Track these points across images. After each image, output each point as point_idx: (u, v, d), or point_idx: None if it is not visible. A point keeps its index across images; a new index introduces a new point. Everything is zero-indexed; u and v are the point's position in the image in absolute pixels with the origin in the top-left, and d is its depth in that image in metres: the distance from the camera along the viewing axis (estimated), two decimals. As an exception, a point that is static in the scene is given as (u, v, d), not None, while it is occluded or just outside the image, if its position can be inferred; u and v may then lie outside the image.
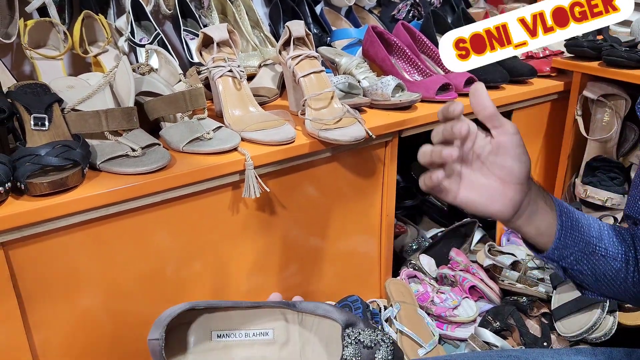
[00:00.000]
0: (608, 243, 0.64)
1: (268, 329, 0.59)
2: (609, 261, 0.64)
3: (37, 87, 0.92)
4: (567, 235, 0.63)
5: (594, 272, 0.65)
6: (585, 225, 0.64)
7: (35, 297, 0.83)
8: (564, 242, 0.63)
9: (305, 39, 1.10)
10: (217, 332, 0.59)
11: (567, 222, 0.62)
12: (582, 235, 0.63)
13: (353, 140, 0.98)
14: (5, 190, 0.76)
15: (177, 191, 0.89)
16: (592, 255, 0.64)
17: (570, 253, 0.63)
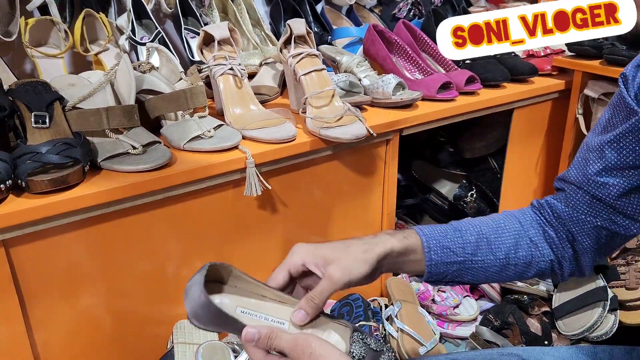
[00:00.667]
0: (501, 247, 0.68)
1: (285, 320, 0.62)
2: (499, 265, 0.69)
3: (38, 85, 0.92)
4: (437, 271, 0.68)
5: (477, 280, 0.70)
6: (460, 250, 0.68)
7: (36, 296, 0.83)
8: (436, 276, 0.68)
9: (307, 37, 1.09)
10: (241, 308, 0.63)
11: (436, 261, 0.67)
12: (455, 263, 0.67)
13: (354, 138, 0.98)
14: (6, 188, 0.76)
15: (178, 189, 0.89)
16: (469, 270, 0.68)
17: (446, 276, 0.68)
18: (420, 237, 0.67)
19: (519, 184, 1.50)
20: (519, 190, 1.51)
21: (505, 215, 0.72)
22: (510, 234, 0.69)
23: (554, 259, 0.69)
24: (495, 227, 0.70)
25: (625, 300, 1.06)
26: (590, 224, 0.66)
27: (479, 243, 0.68)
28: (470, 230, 0.69)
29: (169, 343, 0.98)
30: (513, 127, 1.39)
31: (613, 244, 0.69)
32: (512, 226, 0.70)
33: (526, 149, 1.47)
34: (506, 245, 0.69)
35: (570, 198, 0.67)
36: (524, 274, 0.70)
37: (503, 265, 0.69)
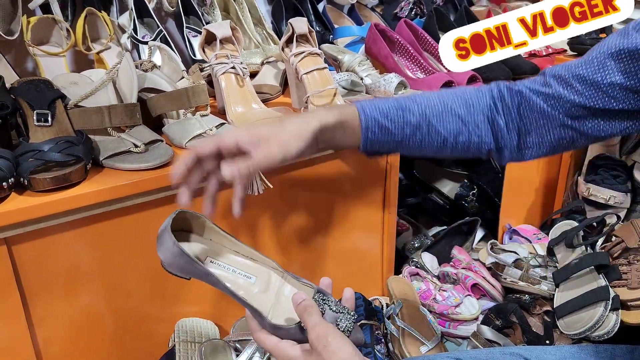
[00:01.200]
0: (442, 132, 0.69)
1: (253, 275, 0.66)
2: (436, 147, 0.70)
3: (40, 83, 0.92)
4: (372, 148, 0.70)
5: (411, 153, 0.72)
6: (399, 131, 0.68)
7: (37, 293, 0.83)
8: (370, 152, 0.71)
9: (308, 36, 1.09)
10: (211, 258, 0.66)
11: (372, 140, 0.68)
12: (392, 142, 0.69)
13: (356, 137, 0.97)
14: (8, 186, 0.76)
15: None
16: (406, 147, 0.70)
17: (380, 152, 0.71)
18: (360, 114, 0.68)
19: (521, 184, 1.50)
20: (520, 190, 1.51)
21: (455, 94, 0.71)
22: (454, 117, 0.69)
23: (494, 147, 0.70)
24: (440, 111, 0.69)
25: (627, 300, 1.06)
26: (559, 122, 0.67)
27: (420, 124, 0.69)
28: (414, 110, 0.69)
29: (171, 341, 0.98)
30: (515, 126, 1.38)
31: (570, 147, 0.70)
32: (458, 109, 0.70)
33: (528, 149, 1.46)
34: (447, 130, 0.69)
35: (553, 96, 0.66)
36: (459, 156, 0.72)
37: (440, 147, 0.70)
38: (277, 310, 0.64)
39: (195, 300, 1.01)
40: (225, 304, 1.04)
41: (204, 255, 0.66)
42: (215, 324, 1.02)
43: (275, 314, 0.63)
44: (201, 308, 1.02)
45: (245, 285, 0.65)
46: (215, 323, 1.02)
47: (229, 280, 0.64)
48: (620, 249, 1.14)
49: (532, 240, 1.43)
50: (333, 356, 0.55)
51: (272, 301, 0.65)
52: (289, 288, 0.66)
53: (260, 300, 0.63)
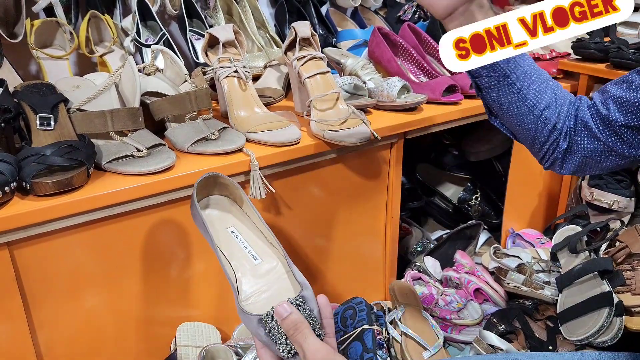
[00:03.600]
0: (537, 95, 0.75)
1: (260, 256, 0.69)
2: (526, 105, 0.75)
3: (43, 87, 0.92)
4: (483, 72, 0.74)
5: (500, 102, 0.76)
6: (513, 64, 0.74)
7: (39, 297, 0.83)
8: (474, 71, 0.75)
9: (311, 39, 1.09)
10: (232, 229, 0.71)
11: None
12: (501, 67, 0.73)
13: (358, 141, 0.97)
14: (10, 190, 0.76)
15: (182, 192, 0.89)
16: (505, 87, 0.75)
17: (486, 75, 0.75)
18: None
19: (524, 188, 1.50)
20: (523, 194, 1.50)
21: (557, 83, 0.78)
22: (551, 94, 0.76)
23: (555, 140, 0.77)
24: (544, 79, 0.76)
25: (631, 306, 1.05)
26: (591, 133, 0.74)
27: (530, 74, 0.75)
28: (529, 64, 0.75)
29: (172, 345, 0.98)
30: (518, 130, 1.38)
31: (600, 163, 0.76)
32: (556, 90, 0.76)
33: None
34: (543, 96, 0.75)
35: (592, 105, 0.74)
36: (534, 133, 0.77)
37: (529, 109, 0.75)
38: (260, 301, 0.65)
39: (197, 304, 1.01)
40: (227, 309, 1.04)
41: (227, 223, 0.70)
42: (217, 328, 1.02)
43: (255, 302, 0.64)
44: (203, 312, 1.01)
45: (248, 263, 0.67)
46: (217, 327, 1.02)
47: (233, 254, 0.67)
48: (624, 255, 1.13)
49: (536, 245, 1.42)
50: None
51: (269, 286, 0.66)
52: (285, 281, 0.67)
53: (249, 282, 0.66)
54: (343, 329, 1.06)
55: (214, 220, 0.71)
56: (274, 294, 0.64)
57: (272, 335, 0.58)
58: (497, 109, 0.79)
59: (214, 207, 0.72)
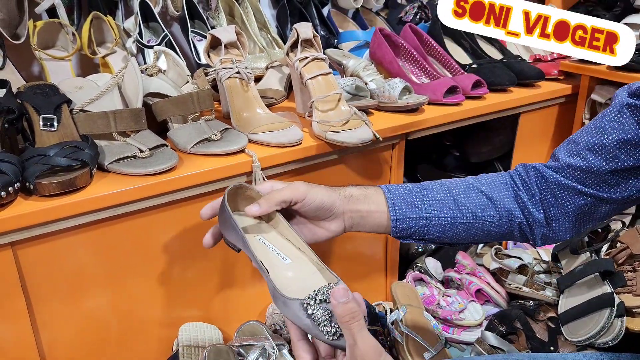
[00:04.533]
0: (465, 208, 0.71)
1: (289, 258, 0.68)
2: (465, 224, 0.71)
3: (46, 87, 0.92)
4: (403, 225, 0.70)
5: (446, 236, 0.72)
6: (426, 206, 0.70)
7: (43, 297, 0.83)
8: (403, 231, 0.70)
9: (313, 41, 1.10)
10: (259, 237, 0.70)
11: (401, 215, 0.70)
12: (421, 219, 0.70)
13: (360, 142, 0.97)
14: (14, 190, 0.76)
15: (184, 192, 0.89)
16: (435, 226, 0.71)
17: (413, 232, 0.71)
18: (384, 192, 0.70)
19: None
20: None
21: (476, 178, 0.74)
22: (478, 194, 0.71)
23: (524, 221, 0.71)
24: (463, 188, 0.72)
25: (632, 307, 1.05)
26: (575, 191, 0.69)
27: (446, 201, 0.71)
28: (437, 189, 0.71)
29: (175, 346, 0.98)
30: (519, 131, 1.38)
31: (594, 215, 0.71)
32: (481, 187, 0.72)
33: (532, 154, 1.46)
34: (473, 203, 0.71)
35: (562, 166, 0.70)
36: (492, 235, 0.72)
37: (470, 223, 0.71)
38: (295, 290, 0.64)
39: (200, 304, 1.01)
40: (229, 309, 1.05)
41: (256, 232, 0.70)
42: (219, 328, 1.02)
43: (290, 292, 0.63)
44: (205, 313, 1.02)
45: (280, 264, 0.67)
46: (219, 328, 1.02)
47: (266, 257, 0.67)
48: (625, 255, 1.13)
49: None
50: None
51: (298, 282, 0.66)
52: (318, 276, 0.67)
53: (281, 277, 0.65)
54: (345, 329, 1.06)
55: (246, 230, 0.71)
56: (308, 285, 0.63)
57: (314, 317, 0.56)
58: (450, 242, 0.74)
59: (241, 218, 0.71)
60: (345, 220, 0.70)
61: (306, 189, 0.67)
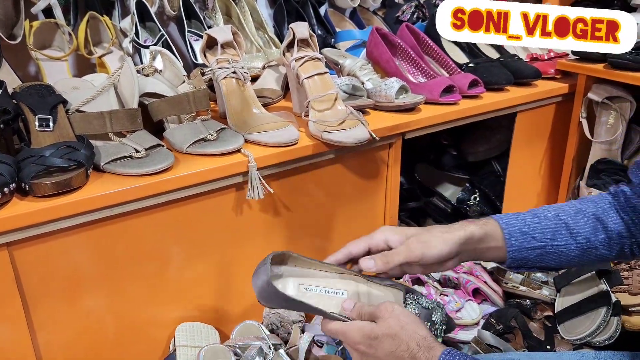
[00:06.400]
0: (579, 235, 0.70)
1: (343, 290, 0.69)
2: (581, 251, 0.71)
3: (42, 88, 0.92)
4: (519, 256, 0.70)
5: (560, 263, 0.72)
6: (540, 235, 0.70)
7: (39, 298, 0.83)
8: (518, 261, 0.70)
9: (309, 40, 1.10)
10: (304, 285, 0.70)
11: (517, 247, 0.69)
12: (536, 248, 0.69)
13: (356, 142, 0.98)
14: (9, 191, 0.76)
15: (180, 192, 0.89)
16: (547, 255, 0.70)
17: (527, 262, 0.70)
18: (500, 224, 0.70)
19: (522, 188, 1.50)
20: (522, 194, 1.51)
21: (581, 200, 0.75)
22: (589, 218, 0.71)
23: (634, 241, 0.71)
24: (573, 213, 0.72)
25: (628, 305, 1.06)
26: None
27: (558, 228, 0.71)
28: (549, 217, 0.72)
29: (172, 346, 0.98)
30: (516, 130, 1.38)
31: None
32: (590, 210, 0.72)
33: (529, 153, 1.47)
34: (585, 228, 0.71)
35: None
36: (604, 257, 0.72)
37: (584, 249, 0.71)
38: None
39: (196, 304, 1.01)
40: (225, 309, 1.05)
41: (297, 284, 0.70)
42: (216, 328, 1.02)
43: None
44: (202, 312, 1.02)
45: (339, 302, 0.67)
46: (216, 328, 1.02)
47: (324, 304, 0.67)
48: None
49: (534, 245, 1.43)
50: (401, 317, 0.60)
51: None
52: (375, 292, 0.69)
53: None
54: (341, 328, 1.06)
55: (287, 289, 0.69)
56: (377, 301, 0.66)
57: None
58: (562, 268, 0.77)
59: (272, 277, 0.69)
60: (462, 258, 0.70)
61: (422, 250, 0.66)
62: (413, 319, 0.62)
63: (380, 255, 0.67)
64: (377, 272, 0.67)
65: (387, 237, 0.68)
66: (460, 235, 0.67)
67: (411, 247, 0.66)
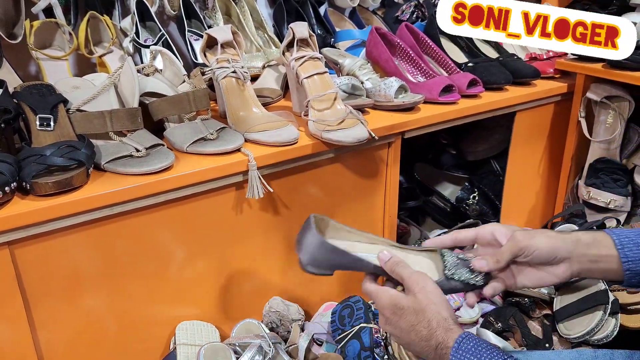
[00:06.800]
0: None
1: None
2: None
3: (43, 87, 0.93)
4: (637, 269, 0.66)
5: None
6: None
7: (40, 296, 0.83)
8: (637, 276, 0.67)
9: (309, 40, 1.10)
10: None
11: (632, 258, 0.66)
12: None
13: (356, 141, 0.98)
14: (10, 190, 0.77)
15: (180, 191, 0.90)
16: None
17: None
18: (609, 234, 0.68)
19: (522, 187, 1.50)
20: (521, 193, 1.51)
21: None
22: None
23: None
24: None
25: (627, 304, 1.06)
26: None
27: None
28: None
29: (172, 344, 0.99)
30: (515, 130, 1.39)
31: None
32: None
33: (528, 152, 1.47)
34: None
35: None
36: None
37: None
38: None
39: (196, 303, 1.01)
40: (226, 307, 1.05)
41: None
42: (216, 327, 1.02)
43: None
44: (202, 311, 1.02)
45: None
46: (216, 326, 1.02)
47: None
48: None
49: (533, 244, 1.43)
50: (429, 295, 0.64)
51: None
52: (412, 257, 0.73)
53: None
54: (341, 327, 1.06)
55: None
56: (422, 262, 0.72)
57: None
58: None
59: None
60: (572, 265, 0.69)
61: (527, 241, 0.68)
62: (440, 300, 0.65)
63: (490, 254, 0.69)
64: (489, 269, 0.69)
65: (495, 229, 0.71)
66: (565, 235, 0.68)
67: (517, 238, 0.67)
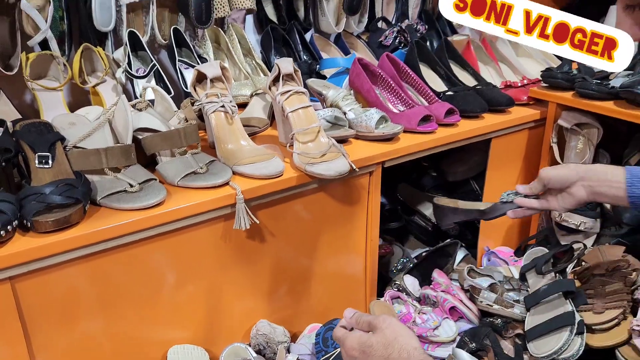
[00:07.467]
0: None
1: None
2: None
3: (41, 125, 0.97)
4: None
5: None
6: None
7: (38, 323, 0.88)
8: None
9: (294, 75, 1.16)
10: None
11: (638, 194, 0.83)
12: None
13: (337, 174, 1.04)
14: (12, 228, 0.81)
15: (171, 225, 0.95)
16: None
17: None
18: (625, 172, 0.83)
19: (498, 207, 1.57)
20: (498, 213, 1.57)
21: None
22: None
23: None
24: None
25: (592, 324, 1.13)
26: None
27: None
28: None
29: (163, 367, 1.03)
30: (491, 154, 1.45)
31: None
32: None
33: (505, 174, 1.53)
34: None
35: None
36: None
37: None
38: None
39: (187, 327, 1.06)
40: (215, 330, 1.10)
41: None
42: (206, 349, 1.07)
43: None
44: (193, 334, 1.07)
45: None
46: (206, 349, 1.07)
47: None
48: (588, 274, 1.21)
49: (509, 262, 1.50)
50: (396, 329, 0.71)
51: None
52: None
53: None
54: (324, 348, 1.12)
55: None
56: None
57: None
58: None
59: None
60: (585, 187, 0.89)
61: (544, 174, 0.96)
62: (408, 332, 0.71)
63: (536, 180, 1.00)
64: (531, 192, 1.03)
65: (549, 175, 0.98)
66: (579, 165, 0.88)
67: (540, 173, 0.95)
